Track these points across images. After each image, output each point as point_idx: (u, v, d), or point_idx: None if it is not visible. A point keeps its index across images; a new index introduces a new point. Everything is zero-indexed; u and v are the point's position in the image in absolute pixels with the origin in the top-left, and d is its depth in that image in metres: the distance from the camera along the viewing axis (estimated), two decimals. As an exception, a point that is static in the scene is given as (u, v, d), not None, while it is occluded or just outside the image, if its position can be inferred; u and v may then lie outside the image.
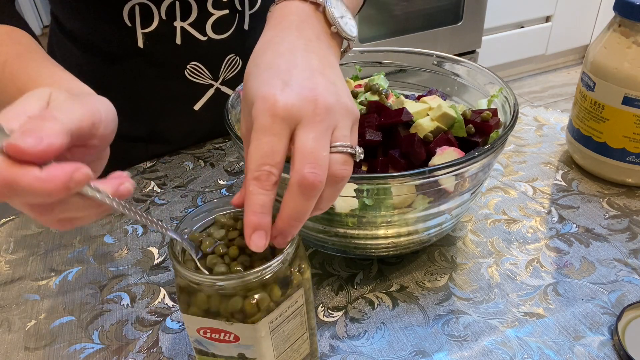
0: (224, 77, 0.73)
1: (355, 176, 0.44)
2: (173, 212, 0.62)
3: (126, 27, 0.65)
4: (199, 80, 0.71)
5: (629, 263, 0.52)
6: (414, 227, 0.48)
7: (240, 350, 0.35)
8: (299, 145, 0.33)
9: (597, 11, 2.60)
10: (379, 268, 0.53)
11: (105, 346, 0.46)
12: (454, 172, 0.43)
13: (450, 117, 0.50)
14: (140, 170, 0.70)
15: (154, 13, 0.64)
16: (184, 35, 0.67)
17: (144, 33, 0.65)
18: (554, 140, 0.71)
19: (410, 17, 2.04)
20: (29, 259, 0.57)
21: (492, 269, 0.52)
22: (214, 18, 0.67)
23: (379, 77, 0.61)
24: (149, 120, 0.74)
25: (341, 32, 0.42)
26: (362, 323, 0.47)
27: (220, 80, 0.73)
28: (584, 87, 0.61)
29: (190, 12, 0.65)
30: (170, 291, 0.52)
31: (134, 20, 0.64)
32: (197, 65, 0.70)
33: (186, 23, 0.66)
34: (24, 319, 0.50)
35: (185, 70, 0.70)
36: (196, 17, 0.66)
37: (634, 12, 0.55)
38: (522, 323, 0.46)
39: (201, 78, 0.71)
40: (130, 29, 0.65)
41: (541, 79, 2.73)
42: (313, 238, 0.51)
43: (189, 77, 0.70)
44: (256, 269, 0.32)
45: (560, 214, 0.58)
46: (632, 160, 0.59)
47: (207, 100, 0.73)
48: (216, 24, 0.67)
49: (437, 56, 0.60)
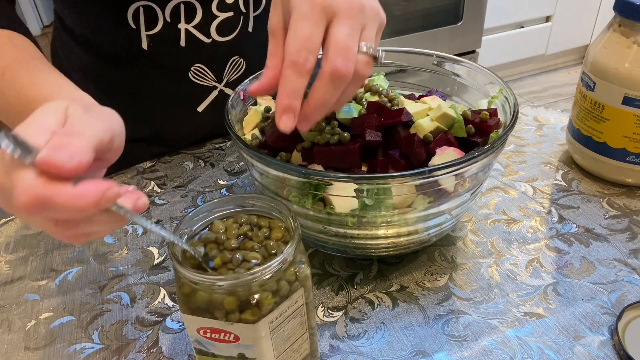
0: (227, 79, 0.73)
1: (355, 176, 0.44)
2: (173, 212, 0.62)
3: (130, 29, 0.65)
4: (203, 82, 0.71)
5: (629, 263, 0.52)
6: (414, 227, 0.48)
7: (240, 350, 0.35)
8: (333, 37, 0.35)
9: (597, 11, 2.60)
10: (379, 268, 0.53)
11: (105, 346, 0.46)
12: (454, 172, 0.43)
13: (450, 117, 0.50)
14: (140, 170, 0.70)
15: (158, 15, 0.64)
16: (188, 38, 0.67)
17: (148, 35, 0.65)
18: (554, 140, 0.71)
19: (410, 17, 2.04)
20: (29, 259, 0.57)
21: (492, 269, 0.52)
22: (219, 20, 0.67)
23: (379, 77, 0.61)
24: (152, 122, 0.74)
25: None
26: (362, 323, 0.47)
27: (224, 82, 0.73)
28: (584, 87, 0.61)
29: (194, 14, 0.65)
30: (170, 291, 0.52)
31: (138, 22, 0.64)
32: (201, 67, 0.70)
33: (190, 25, 0.66)
34: (24, 319, 0.50)
35: (190, 72, 0.70)
36: (201, 19, 0.66)
37: (634, 12, 0.55)
38: (522, 323, 0.46)
39: (205, 80, 0.71)
40: (135, 31, 0.65)
41: (541, 79, 2.73)
42: (313, 238, 0.51)
43: (193, 79, 0.70)
44: (256, 269, 0.32)
45: (560, 214, 0.58)
46: (632, 160, 0.59)
47: (210, 102, 0.73)
48: (220, 26, 0.67)
49: (437, 56, 0.60)
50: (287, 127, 0.35)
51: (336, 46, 0.35)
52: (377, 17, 0.38)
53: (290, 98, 0.35)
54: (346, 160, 0.48)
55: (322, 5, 0.35)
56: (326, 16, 0.35)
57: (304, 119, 0.37)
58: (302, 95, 0.35)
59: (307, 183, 0.44)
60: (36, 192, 0.27)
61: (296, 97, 0.35)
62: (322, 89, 0.35)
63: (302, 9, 0.35)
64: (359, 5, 0.36)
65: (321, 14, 0.35)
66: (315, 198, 0.45)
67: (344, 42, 0.35)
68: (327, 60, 0.35)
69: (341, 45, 0.35)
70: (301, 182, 0.44)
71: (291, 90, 0.35)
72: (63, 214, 0.29)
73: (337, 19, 0.35)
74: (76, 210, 0.28)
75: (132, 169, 0.71)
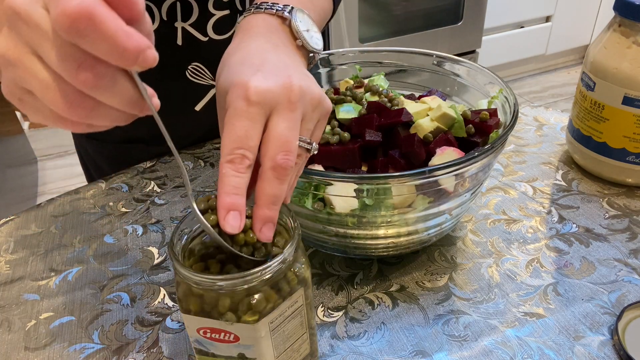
0: None
1: (355, 176, 0.44)
2: (173, 212, 0.62)
3: None
4: (200, 81, 0.71)
5: (629, 263, 0.52)
6: (414, 227, 0.48)
7: (240, 350, 0.35)
8: (274, 133, 0.34)
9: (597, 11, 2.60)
10: (379, 268, 0.53)
11: (105, 346, 0.46)
12: (454, 172, 0.43)
13: (450, 117, 0.50)
14: (140, 170, 0.70)
15: (154, 14, 0.64)
16: (185, 36, 0.67)
17: None
18: (554, 140, 0.71)
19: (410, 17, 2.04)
20: (29, 259, 0.57)
21: (492, 269, 0.52)
22: (215, 18, 0.67)
23: (379, 77, 0.61)
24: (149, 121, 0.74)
25: (307, 45, 0.44)
26: (362, 323, 0.47)
27: None
28: (584, 87, 0.61)
29: (191, 13, 0.65)
30: (170, 291, 0.52)
31: None
32: (198, 65, 0.70)
33: (187, 24, 0.66)
34: (24, 319, 0.50)
35: (187, 71, 0.70)
36: (197, 17, 0.66)
37: (634, 12, 0.55)
38: (522, 323, 0.46)
39: (202, 79, 0.71)
40: None
41: (541, 79, 2.73)
42: (313, 238, 0.51)
43: (190, 77, 0.70)
44: (256, 269, 0.32)
45: (560, 214, 0.58)
46: (632, 160, 0.59)
47: (208, 100, 0.73)
48: (217, 24, 0.67)
49: (437, 56, 0.60)
50: (235, 227, 0.32)
51: (277, 141, 0.33)
52: (318, 107, 0.37)
53: (231, 195, 0.32)
54: (346, 160, 0.48)
55: (257, 101, 0.33)
56: (264, 111, 0.34)
57: (263, 223, 0.34)
58: (245, 191, 0.33)
59: (307, 183, 0.44)
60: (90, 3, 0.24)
61: (238, 194, 0.33)
62: (267, 186, 0.34)
63: (237, 105, 0.33)
64: (299, 94, 0.35)
65: (258, 109, 0.33)
66: (315, 198, 0.45)
67: (285, 136, 0.34)
68: (266, 157, 0.33)
69: (282, 140, 0.33)
70: (301, 182, 0.45)
71: (230, 187, 0.32)
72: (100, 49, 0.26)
73: (276, 113, 0.34)
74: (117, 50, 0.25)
75: (132, 169, 0.71)
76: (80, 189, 0.68)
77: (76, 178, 2.12)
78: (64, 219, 0.62)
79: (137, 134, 0.74)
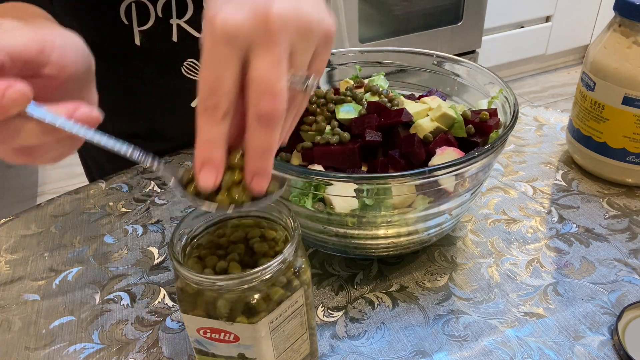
0: None
1: (355, 176, 0.44)
2: (173, 212, 0.62)
3: (123, 25, 0.65)
4: (196, 77, 0.71)
5: (629, 263, 0.52)
6: (414, 227, 0.48)
7: (240, 350, 0.35)
8: (253, 75, 0.29)
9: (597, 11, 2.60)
10: (379, 268, 0.53)
11: (105, 346, 0.46)
12: (454, 172, 0.43)
13: (450, 117, 0.50)
14: (140, 170, 0.70)
15: (150, 11, 0.64)
16: (181, 33, 0.67)
17: (141, 31, 0.66)
18: (554, 140, 0.71)
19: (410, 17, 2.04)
20: (29, 259, 0.57)
21: (492, 269, 0.52)
22: None
23: (379, 77, 0.61)
24: (147, 118, 0.74)
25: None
26: (362, 323, 0.47)
27: None
28: (584, 87, 0.61)
29: (186, 10, 0.66)
30: (170, 291, 0.52)
31: (130, 18, 0.64)
32: (194, 62, 0.70)
33: (182, 20, 0.66)
34: (24, 319, 0.50)
35: (183, 67, 0.70)
36: (192, 14, 0.66)
37: (634, 12, 0.55)
38: (522, 323, 0.46)
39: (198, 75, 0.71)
40: (127, 27, 0.65)
41: (541, 79, 2.73)
42: (313, 238, 0.51)
43: (186, 74, 0.71)
44: (256, 269, 0.32)
45: (560, 214, 0.58)
46: (632, 160, 0.59)
47: None
48: None
49: (437, 56, 0.60)
50: (209, 182, 0.30)
51: (257, 85, 0.29)
52: (311, 33, 0.30)
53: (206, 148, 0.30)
54: (346, 160, 0.48)
55: (227, 39, 0.28)
56: (236, 49, 0.28)
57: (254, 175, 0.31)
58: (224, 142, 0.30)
59: (307, 183, 0.44)
60: None
61: (214, 148, 0.30)
62: (255, 138, 0.30)
63: (205, 46, 0.29)
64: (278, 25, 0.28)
65: (227, 48, 0.28)
66: (315, 198, 0.45)
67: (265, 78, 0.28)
68: (250, 104, 0.29)
69: (263, 83, 0.28)
70: (301, 182, 0.44)
71: (205, 140, 0.30)
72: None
73: (252, 50, 0.28)
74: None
75: (132, 169, 0.71)
76: (80, 189, 0.68)
77: (76, 178, 2.12)
78: (64, 219, 0.62)
79: (135, 130, 0.74)
